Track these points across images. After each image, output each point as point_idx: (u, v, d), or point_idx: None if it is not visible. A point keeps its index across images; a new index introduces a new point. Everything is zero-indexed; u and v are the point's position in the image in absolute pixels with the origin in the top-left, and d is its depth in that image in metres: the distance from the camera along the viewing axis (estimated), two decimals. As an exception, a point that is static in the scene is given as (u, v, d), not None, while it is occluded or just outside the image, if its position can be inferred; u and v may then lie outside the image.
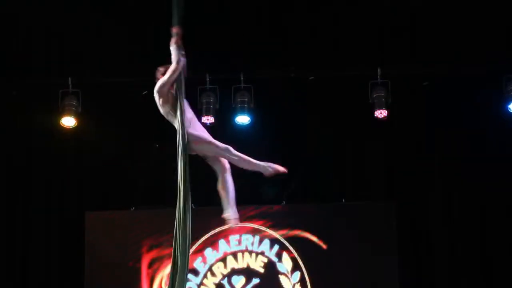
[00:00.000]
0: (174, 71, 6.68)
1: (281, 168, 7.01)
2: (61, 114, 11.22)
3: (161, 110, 6.86)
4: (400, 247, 11.14)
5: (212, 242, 11.52)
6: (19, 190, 11.75)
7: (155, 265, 11.52)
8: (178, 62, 6.68)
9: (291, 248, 11.38)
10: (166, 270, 11.44)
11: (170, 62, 6.77)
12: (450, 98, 11.18)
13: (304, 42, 10.82)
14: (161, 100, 6.77)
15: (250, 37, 10.63)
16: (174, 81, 6.73)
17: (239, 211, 7.19)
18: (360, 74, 11.06)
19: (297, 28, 10.77)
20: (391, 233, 11.15)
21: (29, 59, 10.92)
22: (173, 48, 6.72)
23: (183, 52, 6.74)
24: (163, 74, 6.77)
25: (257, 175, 7.08)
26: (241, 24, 10.53)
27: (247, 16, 10.57)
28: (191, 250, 11.27)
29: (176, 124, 6.71)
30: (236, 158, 6.88)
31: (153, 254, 11.55)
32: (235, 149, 6.92)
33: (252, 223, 11.53)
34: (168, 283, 6.67)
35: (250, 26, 10.62)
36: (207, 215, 11.29)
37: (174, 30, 6.75)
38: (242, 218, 10.87)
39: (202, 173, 7.04)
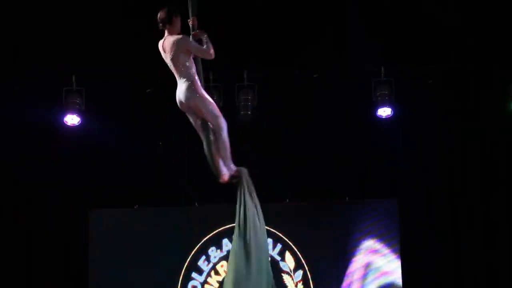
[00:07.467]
0: (203, 53, 6.58)
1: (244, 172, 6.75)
2: (65, 112, 11.23)
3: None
4: (402, 245, 11.14)
5: (215, 241, 11.51)
6: (22, 188, 11.74)
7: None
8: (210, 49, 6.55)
9: (294, 246, 11.37)
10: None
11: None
12: (453, 96, 11.19)
13: (308, 40, 10.83)
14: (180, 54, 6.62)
15: (254, 35, 10.64)
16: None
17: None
18: (363, 72, 11.07)
19: (301, 26, 10.77)
20: (394, 231, 11.15)
21: (33, 56, 10.93)
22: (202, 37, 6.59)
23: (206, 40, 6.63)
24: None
25: (260, 171, 7.07)
26: (245, 22, 10.54)
27: (251, 14, 10.58)
28: (195, 249, 11.36)
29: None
30: (223, 138, 6.64)
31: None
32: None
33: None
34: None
35: (254, 24, 10.63)
36: (210, 213, 11.36)
37: (191, 22, 6.62)
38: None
39: (205, 171, 7.03)
